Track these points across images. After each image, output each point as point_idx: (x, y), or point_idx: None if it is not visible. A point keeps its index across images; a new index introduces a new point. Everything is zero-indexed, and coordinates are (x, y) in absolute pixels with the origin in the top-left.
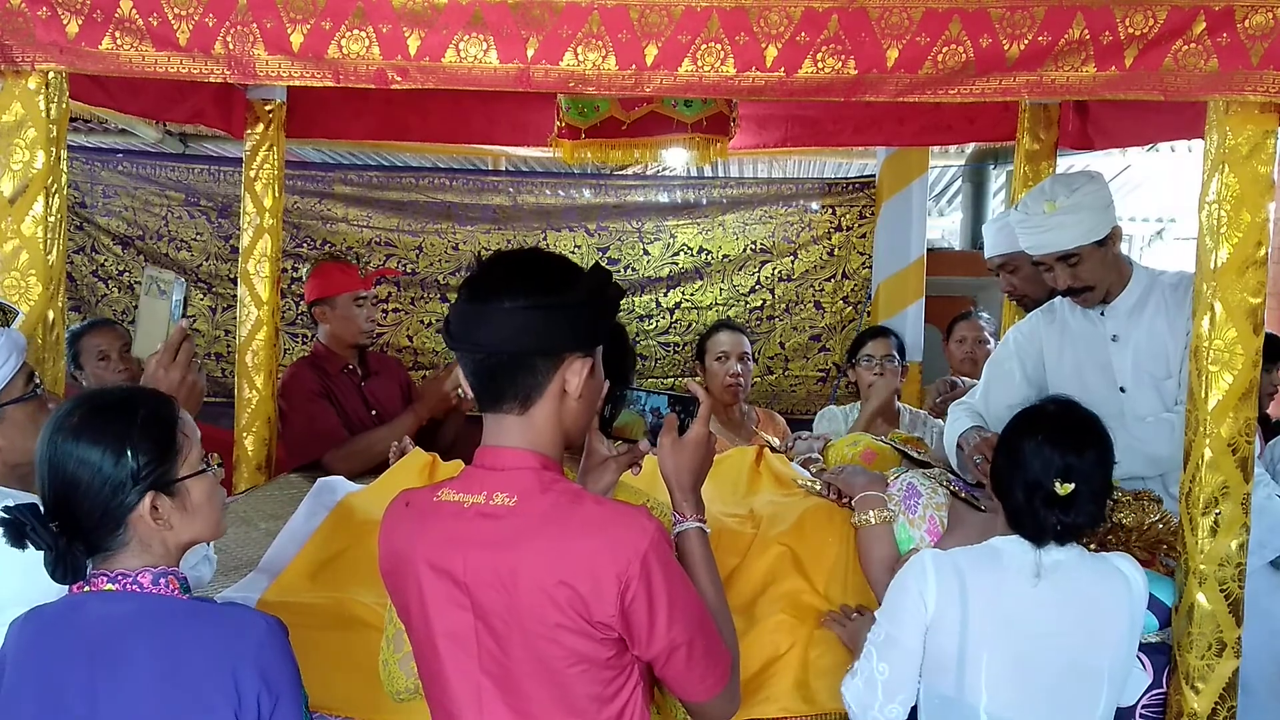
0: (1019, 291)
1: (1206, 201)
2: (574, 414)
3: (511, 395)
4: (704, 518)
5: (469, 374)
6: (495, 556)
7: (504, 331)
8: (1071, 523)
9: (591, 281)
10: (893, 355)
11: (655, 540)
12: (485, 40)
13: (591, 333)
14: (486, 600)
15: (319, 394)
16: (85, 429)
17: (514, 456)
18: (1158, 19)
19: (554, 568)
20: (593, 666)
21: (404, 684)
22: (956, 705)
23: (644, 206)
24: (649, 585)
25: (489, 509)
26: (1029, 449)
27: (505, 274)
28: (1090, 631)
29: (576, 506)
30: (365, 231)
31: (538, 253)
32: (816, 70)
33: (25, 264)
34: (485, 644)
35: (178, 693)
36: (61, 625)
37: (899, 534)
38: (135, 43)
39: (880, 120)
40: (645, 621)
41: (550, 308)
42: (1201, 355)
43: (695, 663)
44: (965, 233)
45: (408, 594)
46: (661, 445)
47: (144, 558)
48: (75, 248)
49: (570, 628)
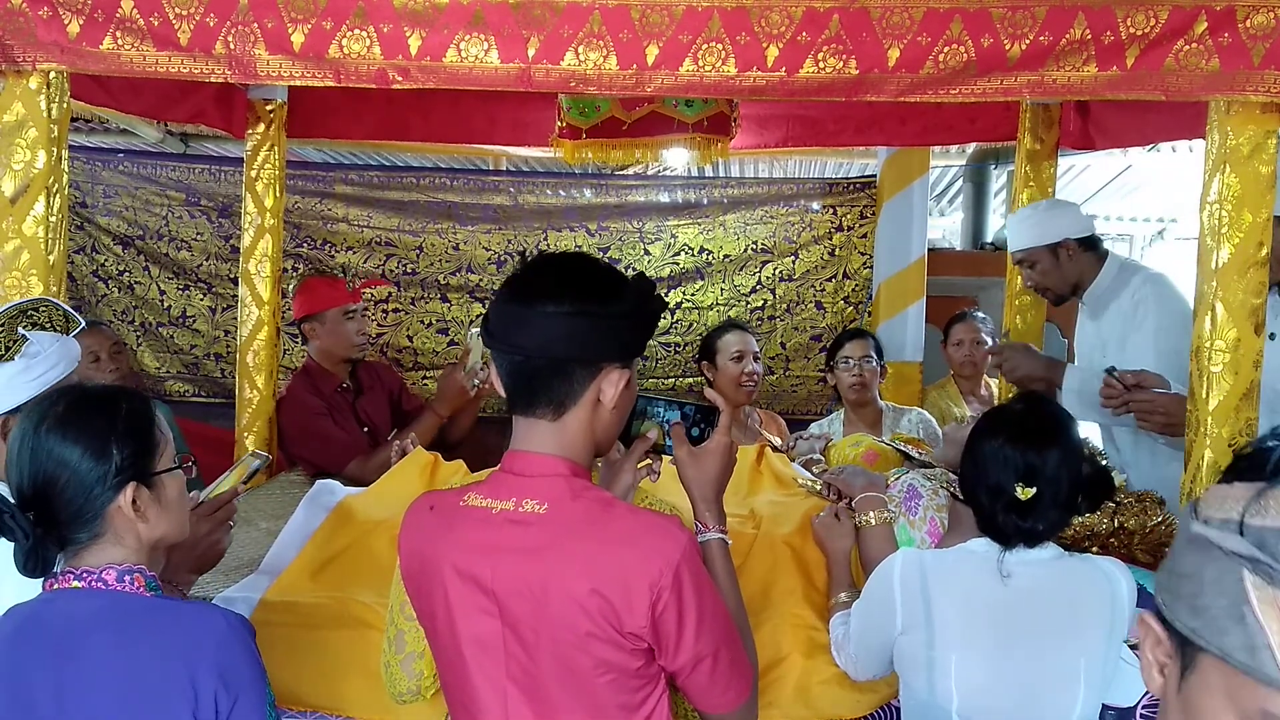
0: (1041, 284)
1: (1208, 201)
2: (606, 424)
3: (546, 401)
4: (725, 528)
5: (504, 374)
6: (525, 564)
7: (545, 336)
8: (1031, 528)
9: (636, 292)
10: (870, 356)
11: (687, 551)
12: (486, 40)
13: (632, 344)
14: (515, 608)
15: (322, 413)
16: (69, 422)
17: (545, 463)
18: (1159, 19)
19: (586, 576)
20: (621, 676)
21: (406, 685)
22: (929, 707)
23: (645, 206)
24: (680, 596)
25: (518, 515)
26: (989, 451)
27: (551, 277)
28: (1063, 631)
29: (609, 515)
30: (366, 231)
31: (585, 258)
32: (818, 70)
33: (26, 264)
34: (513, 651)
35: (137, 690)
36: (31, 624)
37: (900, 535)
38: (136, 42)
39: (881, 120)
40: (674, 632)
41: (594, 316)
42: (1202, 355)
43: (719, 675)
44: (966, 233)
45: (433, 599)
46: (678, 456)
47: (114, 553)
48: (76, 247)
49: (600, 637)
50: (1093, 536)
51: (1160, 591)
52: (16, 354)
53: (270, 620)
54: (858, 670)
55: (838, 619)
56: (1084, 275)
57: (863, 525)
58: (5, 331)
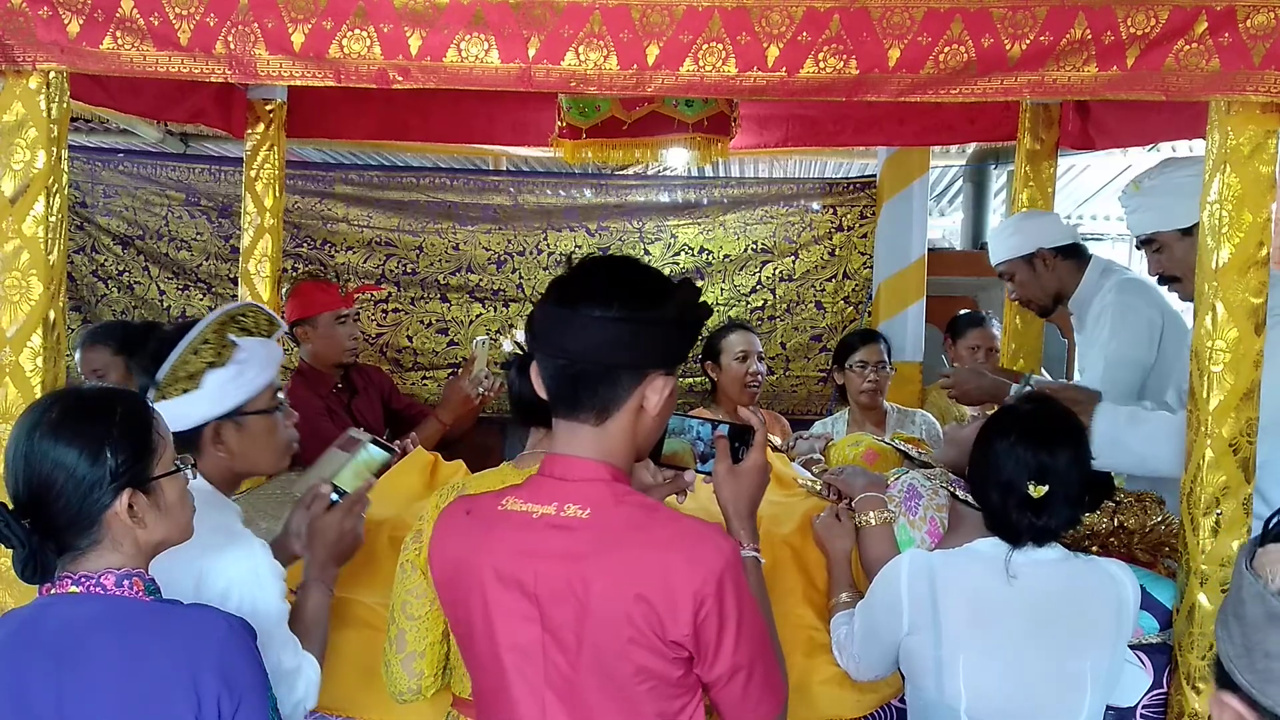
0: (1023, 296)
1: (1208, 201)
2: (648, 430)
3: (590, 405)
4: (759, 547)
5: (546, 377)
6: (568, 569)
7: (592, 341)
8: (1044, 525)
9: (684, 299)
10: (884, 361)
11: (731, 560)
12: (486, 40)
13: (677, 351)
14: (557, 613)
15: (323, 414)
16: (63, 427)
17: (586, 467)
18: (1159, 19)
19: (630, 581)
20: (661, 684)
21: (406, 684)
22: (938, 707)
23: (645, 206)
24: (721, 605)
25: (560, 520)
26: (1001, 450)
27: (599, 281)
28: (1071, 633)
29: (653, 520)
30: (365, 231)
31: (634, 263)
32: (818, 70)
33: (26, 264)
34: (552, 657)
35: (138, 695)
36: (29, 629)
37: (900, 535)
38: (136, 42)
39: (881, 120)
40: (713, 641)
41: (642, 322)
42: (1203, 355)
43: (752, 689)
44: (966, 233)
45: (470, 605)
46: (717, 472)
47: (112, 558)
48: (75, 248)
49: (642, 644)
50: (1093, 536)
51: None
52: (229, 359)
53: None
54: (860, 670)
55: (839, 619)
56: (1065, 284)
57: (863, 525)
58: (216, 338)
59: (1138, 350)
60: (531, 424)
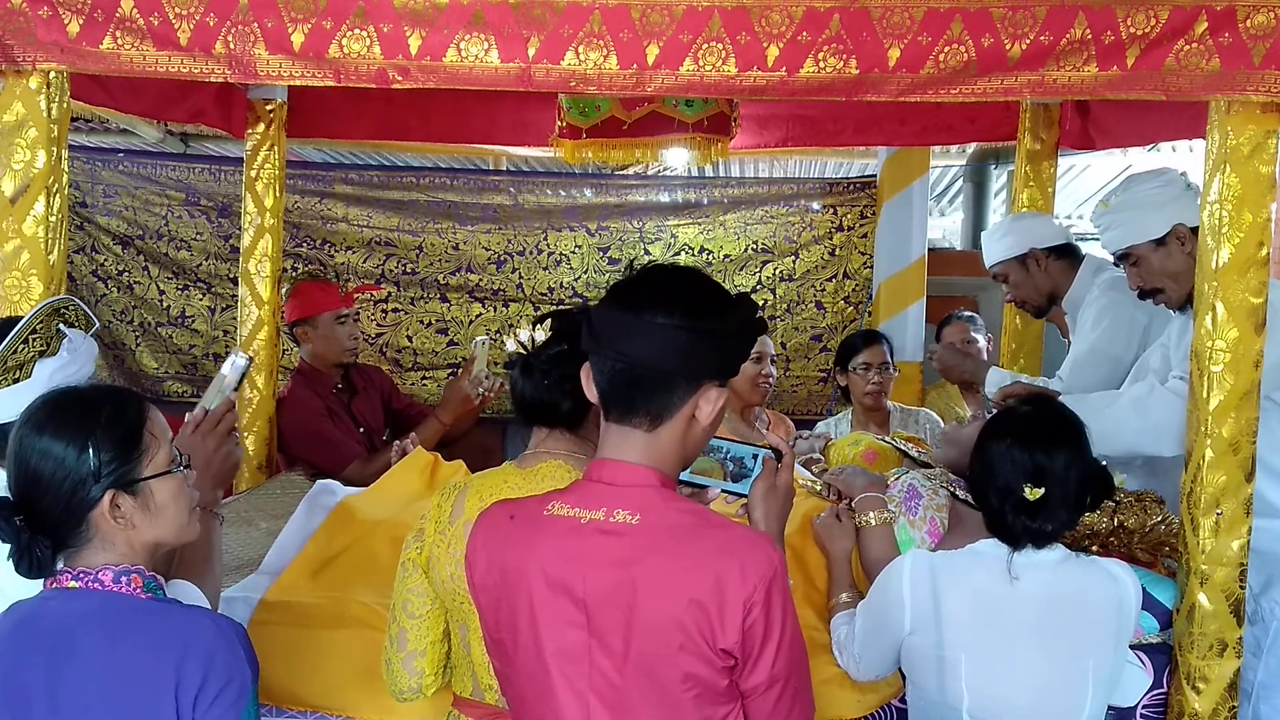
0: (1017, 297)
1: (1208, 201)
2: (697, 439)
3: (644, 411)
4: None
5: (602, 379)
6: (618, 574)
7: (653, 347)
8: (1040, 529)
9: (742, 312)
10: (888, 363)
11: (780, 570)
12: (486, 40)
13: (732, 364)
14: (605, 619)
15: (323, 414)
16: (50, 424)
17: (635, 473)
18: (1159, 19)
19: (681, 587)
20: (706, 692)
21: (407, 683)
22: (940, 707)
23: (645, 206)
24: (768, 613)
25: (609, 525)
26: (998, 452)
27: (663, 288)
28: (1072, 633)
29: (703, 526)
30: (365, 231)
31: (697, 273)
32: (818, 70)
33: (26, 264)
34: (598, 663)
35: (126, 691)
36: (28, 622)
37: (900, 535)
38: (136, 42)
39: (881, 120)
40: (756, 649)
41: (703, 333)
42: (1203, 355)
43: (784, 702)
44: (966, 233)
45: (516, 610)
46: (756, 489)
47: (107, 555)
48: (75, 247)
49: (692, 650)
50: (1093, 536)
51: None
52: (59, 349)
53: (270, 620)
54: (861, 670)
55: (839, 619)
56: (1058, 284)
57: (863, 526)
58: (44, 328)
59: (1115, 346)
60: (534, 424)
